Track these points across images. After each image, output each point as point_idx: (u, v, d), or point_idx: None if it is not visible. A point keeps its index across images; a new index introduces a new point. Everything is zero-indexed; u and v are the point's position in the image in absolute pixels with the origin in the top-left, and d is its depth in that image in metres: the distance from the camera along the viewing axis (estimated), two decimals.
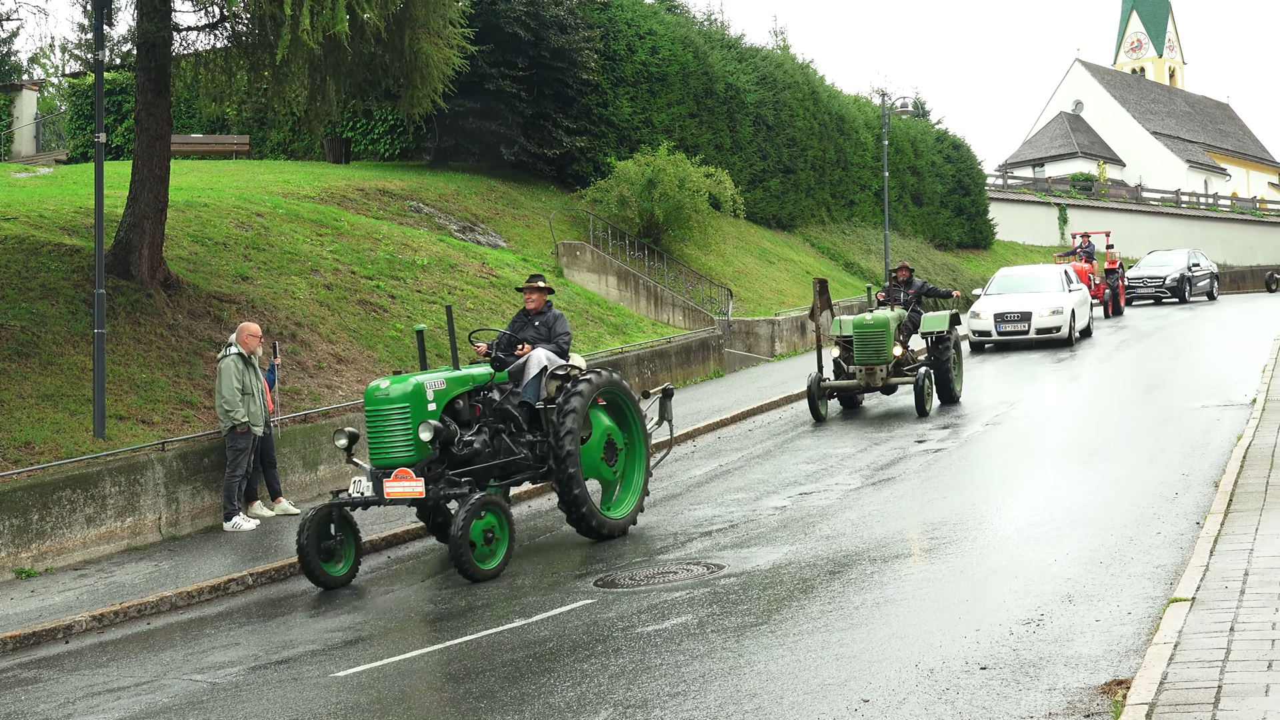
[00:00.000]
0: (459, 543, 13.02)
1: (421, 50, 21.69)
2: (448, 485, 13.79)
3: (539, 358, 15.11)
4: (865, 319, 23.06)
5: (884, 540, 13.32)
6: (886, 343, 22.74)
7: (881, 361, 22.79)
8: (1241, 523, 11.95)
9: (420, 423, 13.62)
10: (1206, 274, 50.06)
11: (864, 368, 22.86)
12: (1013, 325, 31.55)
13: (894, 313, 23.48)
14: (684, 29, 43.22)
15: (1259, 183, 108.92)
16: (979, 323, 32.15)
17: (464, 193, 33.92)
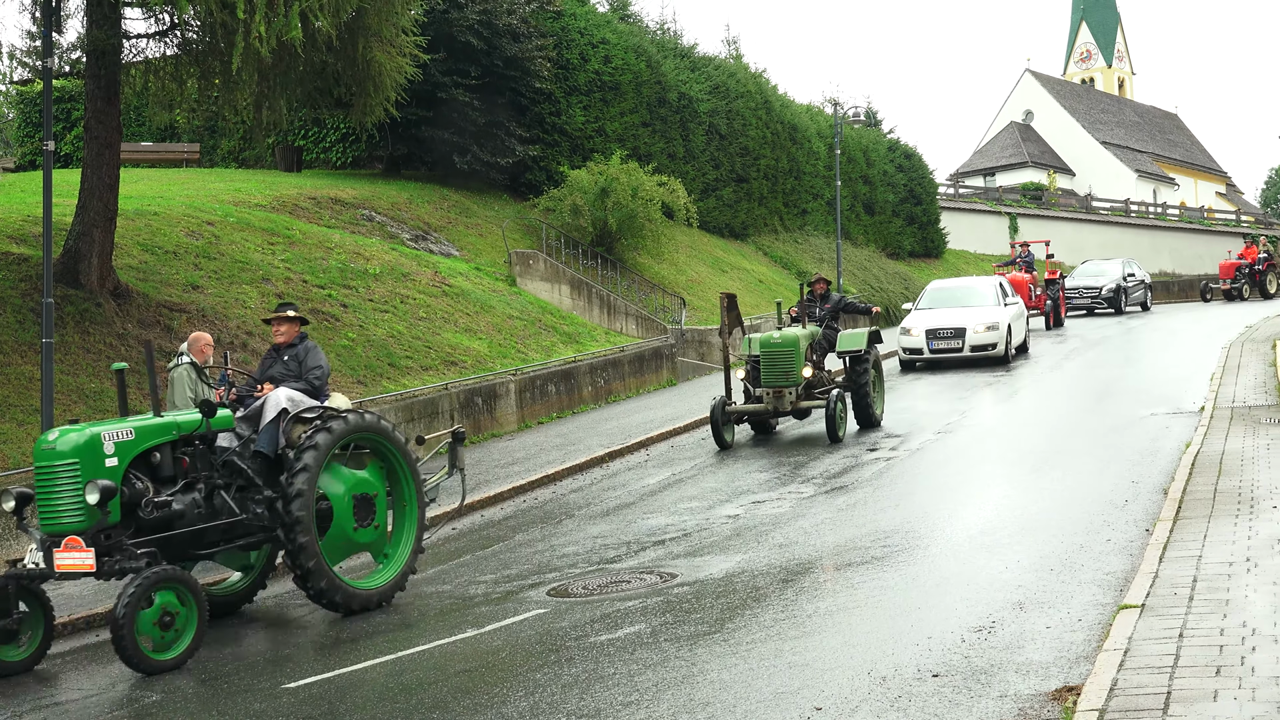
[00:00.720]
0: (118, 631, 10.79)
1: (374, 58, 21.66)
2: (125, 557, 11.44)
3: (277, 399, 13.01)
4: (773, 337, 21.36)
5: (836, 548, 13.35)
6: (796, 363, 21.09)
7: (790, 384, 21.11)
8: (1190, 530, 12.04)
9: (88, 481, 11.34)
10: (1141, 284, 49.52)
11: (771, 390, 21.16)
12: (945, 342, 29.83)
13: (805, 330, 21.99)
14: (637, 38, 43.29)
15: (1207, 192, 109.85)
16: (909, 340, 30.39)
17: (416, 201, 33.84)
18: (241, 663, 11.26)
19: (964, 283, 34.41)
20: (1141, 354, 31.09)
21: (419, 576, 14.27)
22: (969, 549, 12.78)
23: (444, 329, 25.84)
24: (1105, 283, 47.64)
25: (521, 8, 37.10)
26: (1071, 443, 18.96)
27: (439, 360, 24.37)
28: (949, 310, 30.97)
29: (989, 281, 32.97)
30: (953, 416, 22.53)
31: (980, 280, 34.02)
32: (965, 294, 32.13)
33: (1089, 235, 74.37)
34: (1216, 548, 11.17)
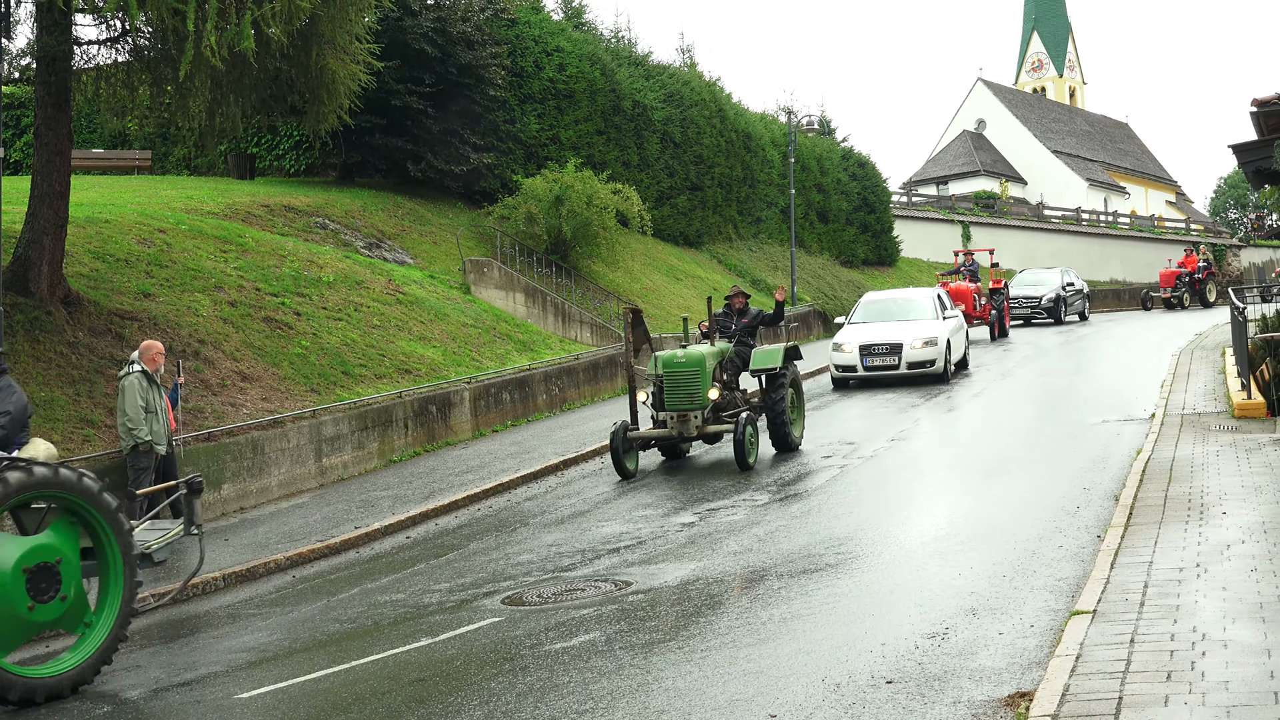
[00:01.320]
0: None
1: (327, 66, 21.58)
2: None
3: None
4: (676, 356, 19.88)
5: (791, 555, 13.37)
6: (702, 383, 19.63)
7: (696, 406, 19.62)
8: (1141, 536, 12.13)
9: None
10: (1079, 294, 49.26)
11: (676, 414, 19.69)
12: (881, 359, 28.21)
13: (713, 348, 20.54)
14: (591, 46, 43.31)
15: (1157, 201, 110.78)
16: (842, 356, 28.74)
17: (370, 209, 33.75)
18: (193, 673, 11.18)
19: (901, 295, 32.63)
20: (1091, 363, 31.26)
21: (373, 585, 14.22)
22: (922, 555, 12.83)
23: (398, 337, 25.77)
24: (1045, 292, 47.32)
25: (476, 15, 37.05)
26: (1023, 450, 19.07)
27: (393, 368, 24.30)
28: (884, 325, 29.43)
29: (927, 293, 31.47)
30: (904, 424, 22.61)
31: (918, 292, 32.33)
32: (902, 307, 30.59)
33: (1041, 244, 74.85)
34: (1167, 554, 11.26)
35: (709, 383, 19.79)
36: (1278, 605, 9.23)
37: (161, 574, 15.03)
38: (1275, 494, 13.97)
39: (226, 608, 13.91)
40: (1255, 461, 16.32)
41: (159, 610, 13.93)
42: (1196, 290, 53.77)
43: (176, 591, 13.65)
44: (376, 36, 27.42)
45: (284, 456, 19.91)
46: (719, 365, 20.48)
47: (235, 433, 19.32)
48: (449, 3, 36.81)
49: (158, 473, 16.83)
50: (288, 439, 20.06)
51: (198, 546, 13.07)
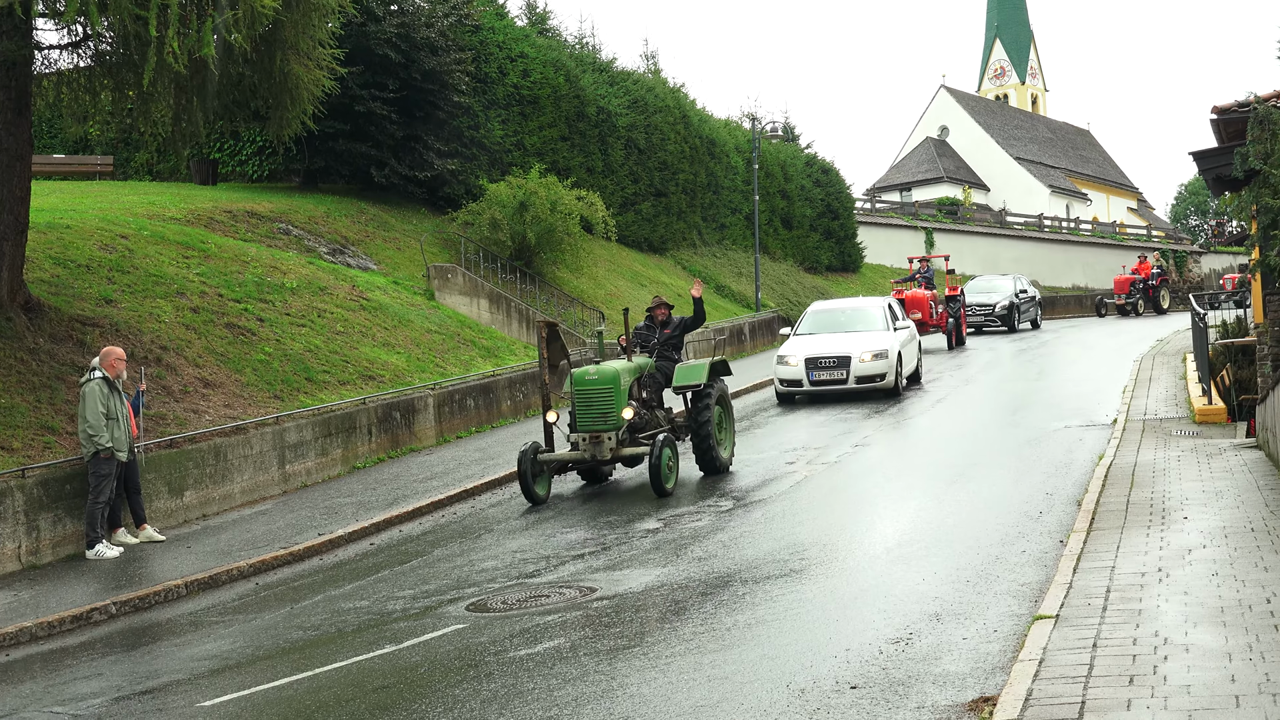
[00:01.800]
0: None
1: (291, 71, 21.50)
2: None
3: None
4: (588, 373, 18.64)
5: (755, 561, 13.39)
6: (615, 402, 18.40)
7: (609, 427, 18.37)
8: (1104, 540, 12.19)
9: None
10: (1032, 301, 48.60)
11: (588, 435, 18.47)
12: (828, 373, 26.87)
13: (630, 363, 19.39)
14: (555, 52, 43.32)
15: (1119, 207, 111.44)
16: (787, 370, 27.34)
17: (334, 215, 33.65)
18: (155, 681, 11.12)
19: (850, 304, 30.94)
20: (1054, 370, 31.39)
21: (337, 592, 14.17)
22: (886, 561, 12.87)
23: (362, 343, 25.69)
24: (998, 299, 46.60)
25: (440, 21, 37.00)
26: (986, 456, 19.14)
27: (356, 375, 24.23)
28: (832, 336, 28.07)
29: (877, 303, 29.91)
30: (857, 439, 22.65)
31: (868, 302, 30.66)
32: (851, 317, 29.18)
33: (1004, 250, 75.25)
34: (1129, 558, 11.32)
35: (623, 401, 18.60)
36: (1239, 609, 9.29)
37: (123, 581, 14.95)
38: (1236, 499, 14.07)
39: (189, 615, 13.83)
40: (1216, 466, 16.44)
41: (120, 618, 13.86)
42: (1150, 297, 53.96)
43: None
44: (340, 42, 27.33)
45: (247, 463, 19.82)
46: (637, 382, 19.40)
47: (198, 439, 19.22)
48: (413, 9, 36.74)
49: (119, 480, 16.75)
50: (251, 445, 19.97)
51: (162, 555, 12.84)
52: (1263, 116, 16.51)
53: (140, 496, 17.32)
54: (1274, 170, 15.34)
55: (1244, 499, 14.06)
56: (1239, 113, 20.27)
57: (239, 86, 21.77)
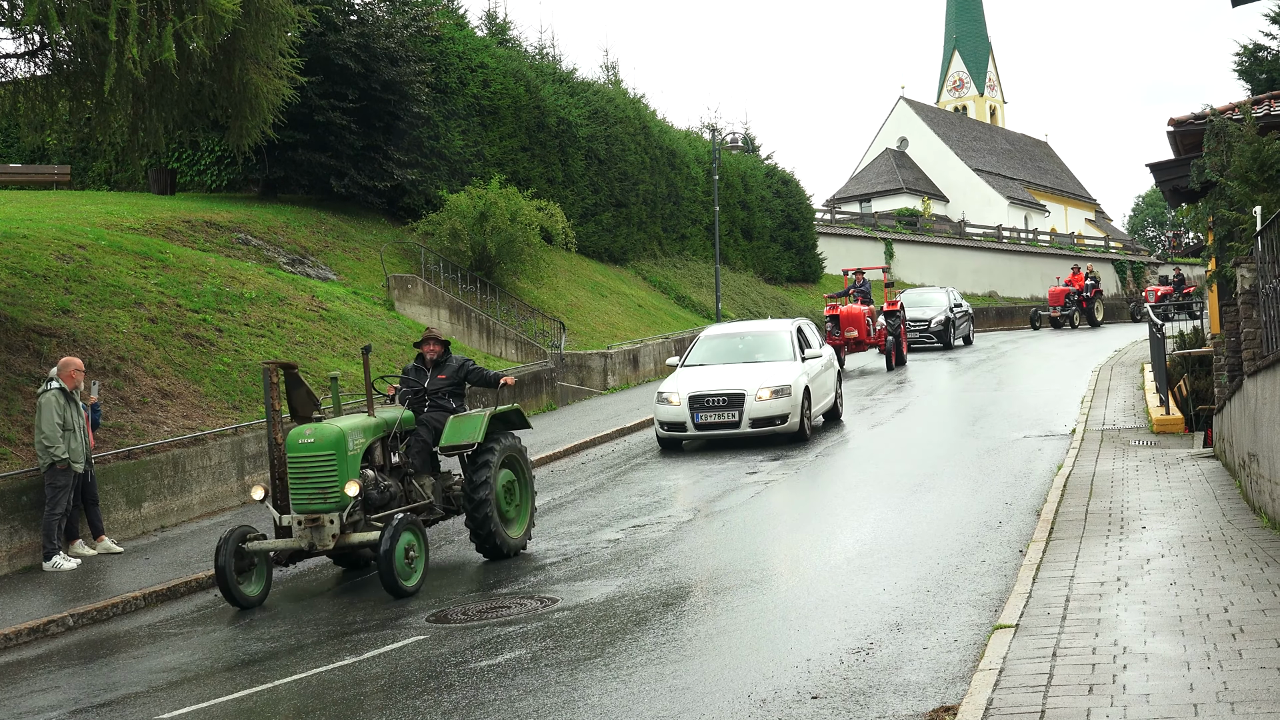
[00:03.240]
0: None
1: (250, 80, 21.43)
2: None
3: None
4: (302, 434, 14.23)
5: (716, 572, 13.40)
6: (339, 473, 14.01)
7: (331, 507, 13.99)
8: (1063, 550, 12.26)
9: None
10: (966, 315, 46.37)
11: (305, 517, 14.07)
12: (717, 414, 22.64)
13: (369, 419, 14.82)
14: (516, 62, 43.31)
15: (1076, 219, 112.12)
16: (669, 410, 22.93)
17: (293, 225, 33.53)
18: (113, 694, 11.04)
19: (752, 329, 26.40)
20: (1013, 384, 31.47)
21: (297, 604, 14.10)
22: (847, 571, 12.90)
23: (321, 353, 25.60)
24: (933, 314, 43.84)
25: (400, 32, 36.94)
26: (946, 466, 19.21)
27: (316, 386, 24.13)
28: (727, 369, 23.87)
29: (784, 327, 25.50)
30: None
31: (774, 325, 26.16)
32: (752, 345, 25.00)
33: (963, 261, 75.62)
34: (1088, 568, 11.39)
35: (352, 471, 14.14)
36: (1197, 618, 9.36)
37: (80, 593, 14.85)
38: (1193, 508, 14.18)
39: (147, 627, 13.74)
40: (1174, 476, 16.57)
41: (78, 630, 13.76)
42: (1085, 309, 53.06)
43: None
44: (300, 51, 27.25)
45: (206, 474, 19.72)
46: (383, 443, 15.08)
47: (156, 450, 19.11)
48: (372, 19, 36.66)
49: (77, 491, 16.64)
50: (209, 456, 19.88)
51: (120, 566, 12.73)
52: (1219, 129, 16.67)
53: (98, 508, 17.21)
54: (1230, 182, 15.49)
55: (1201, 508, 14.18)
56: (1195, 125, 20.46)
57: (198, 95, 21.68)
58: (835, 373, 25.91)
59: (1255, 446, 13.88)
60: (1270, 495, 12.91)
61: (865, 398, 29.28)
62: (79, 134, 24.28)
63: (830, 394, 25.12)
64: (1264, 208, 14.02)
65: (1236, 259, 15.12)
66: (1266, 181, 14.98)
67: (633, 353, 36.14)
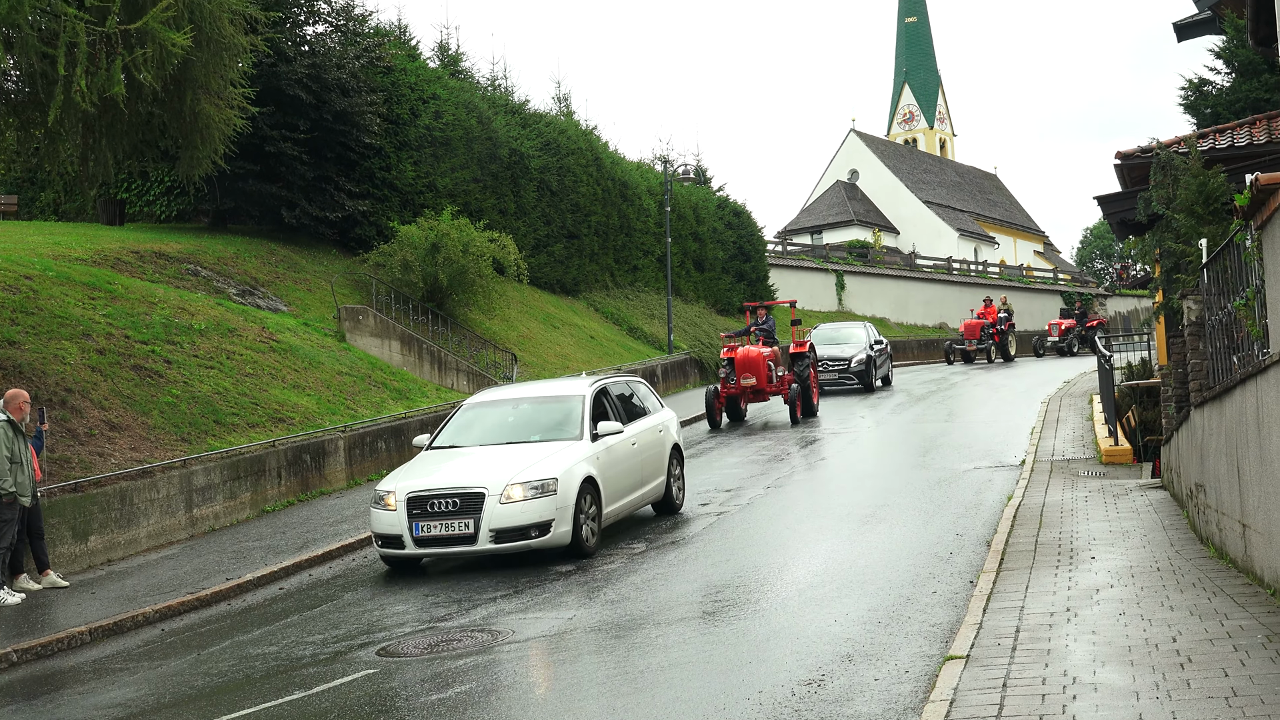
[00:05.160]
0: None
1: (201, 111, 21.38)
2: None
3: None
4: None
5: (668, 603, 13.38)
6: None
7: None
8: (1013, 581, 12.31)
9: None
10: (885, 353, 42.04)
11: None
12: (444, 523, 16.18)
13: None
14: (468, 94, 43.31)
15: (1026, 250, 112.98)
16: (384, 519, 16.56)
17: (244, 256, 33.39)
18: None
19: (531, 394, 19.39)
20: (962, 430, 31.53)
21: (245, 638, 13.99)
22: (799, 602, 12.90)
23: (271, 385, 25.47)
24: (853, 353, 39.70)
25: (352, 62, 36.92)
26: (898, 498, 19.26)
27: (266, 417, 24.01)
28: (477, 455, 17.49)
29: (577, 390, 18.64)
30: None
31: (564, 388, 19.17)
32: (527, 417, 18.47)
33: (914, 292, 76.03)
34: (1038, 598, 11.43)
35: None
36: (1146, 648, 9.40)
37: (25, 629, 14.69)
38: (1142, 539, 14.27)
39: (92, 663, 13.60)
40: (1123, 507, 16.67)
41: (22, 666, 13.60)
42: (997, 343, 51.16)
43: None
44: (251, 82, 27.17)
45: (153, 507, 19.56)
46: None
47: (103, 483, 18.94)
48: (324, 50, 36.63)
49: (22, 524, 16.46)
50: (157, 489, 19.72)
51: (66, 601, 12.46)
52: (1165, 162, 16.85)
53: (43, 541, 17.02)
54: (1176, 215, 15.64)
55: (1150, 539, 14.27)
56: (1142, 158, 20.66)
57: (148, 125, 21.60)
58: (667, 449, 19.51)
59: (1202, 477, 13.99)
60: (1218, 526, 13.00)
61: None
62: (27, 164, 24.12)
63: (653, 482, 18.98)
64: (1210, 240, 14.16)
65: (1183, 291, 15.26)
66: (1212, 214, 15.14)
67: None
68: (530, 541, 16.15)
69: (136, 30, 18.38)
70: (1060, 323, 57.95)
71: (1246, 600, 10.63)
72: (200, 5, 20.16)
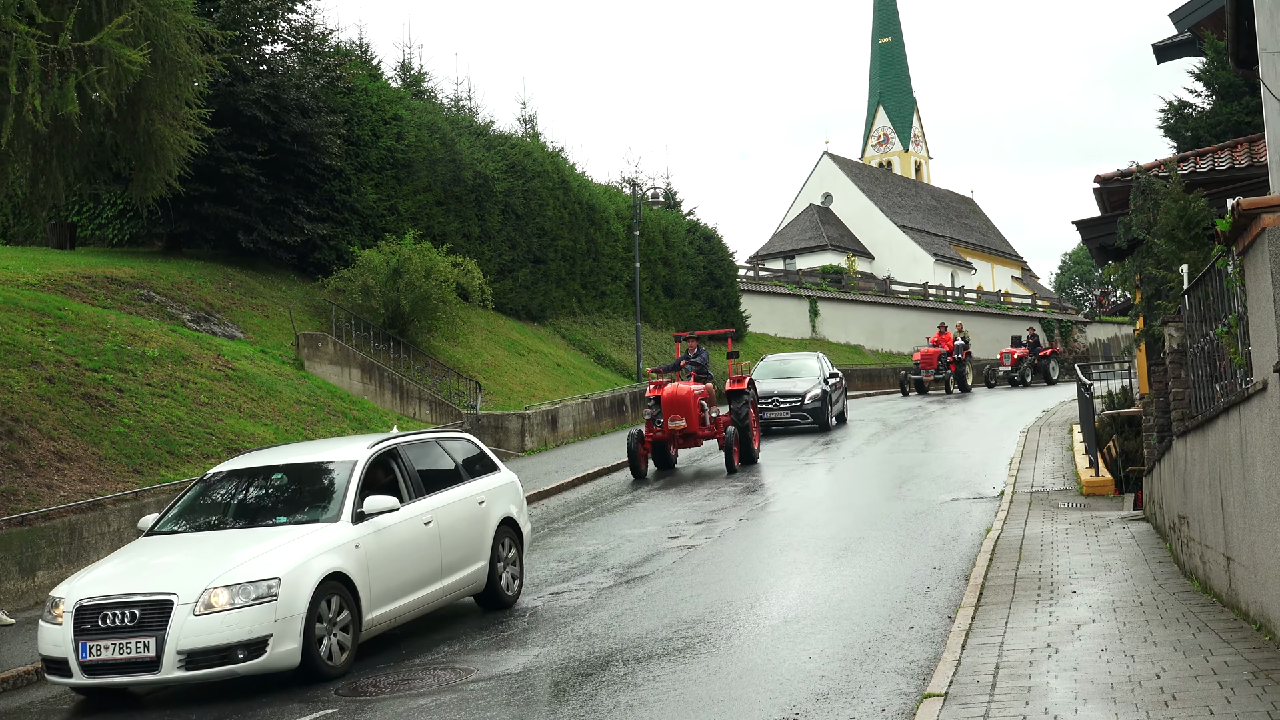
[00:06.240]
0: None
1: (156, 131, 21.32)
2: None
3: None
4: None
5: (637, 640, 13.35)
6: None
7: None
8: (992, 616, 12.32)
9: None
10: (840, 387, 38.45)
11: None
12: (117, 643, 12.33)
13: None
14: (431, 115, 43.34)
15: (1003, 276, 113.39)
16: (51, 636, 12.78)
17: (199, 281, 33.28)
18: None
19: (290, 460, 15.23)
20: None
21: None
22: (772, 639, 12.88)
23: (227, 415, 25.37)
24: (807, 387, 36.31)
25: (311, 82, 36.89)
26: (873, 530, 19.28)
27: (221, 448, 23.90)
28: (187, 548, 13.71)
29: (347, 453, 14.81)
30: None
31: (331, 450, 15.38)
32: (279, 492, 14.76)
33: (889, 319, 76.23)
34: (1018, 634, 11.44)
35: None
36: (1129, 685, 9.41)
37: None
38: (1124, 572, 14.31)
39: (39, 703, 13.49)
40: (1104, 539, 16.72)
41: None
42: (954, 372, 50.32)
43: None
44: (207, 102, 27.08)
45: (104, 541, 19.43)
46: None
47: (51, 516, 18.82)
48: (283, 69, 36.63)
49: None
50: (108, 522, 19.59)
51: (13, 638, 12.34)
52: (1145, 186, 16.93)
53: None
54: (1157, 240, 15.72)
55: (1132, 572, 14.31)
56: (1122, 182, 20.79)
57: (101, 147, 21.53)
58: (491, 526, 15.97)
59: (1185, 509, 14.04)
60: (1201, 559, 13.05)
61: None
62: None
63: (464, 570, 15.32)
64: (1191, 266, 14.24)
65: (1164, 318, 15.33)
66: (1193, 239, 15.22)
67: (551, 413, 36.06)
68: (236, 666, 12.33)
69: (91, 47, 18.34)
70: (1013, 351, 56.61)
71: (1232, 635, 10.66)
72: (156, 23, 20.12)
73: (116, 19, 18.66)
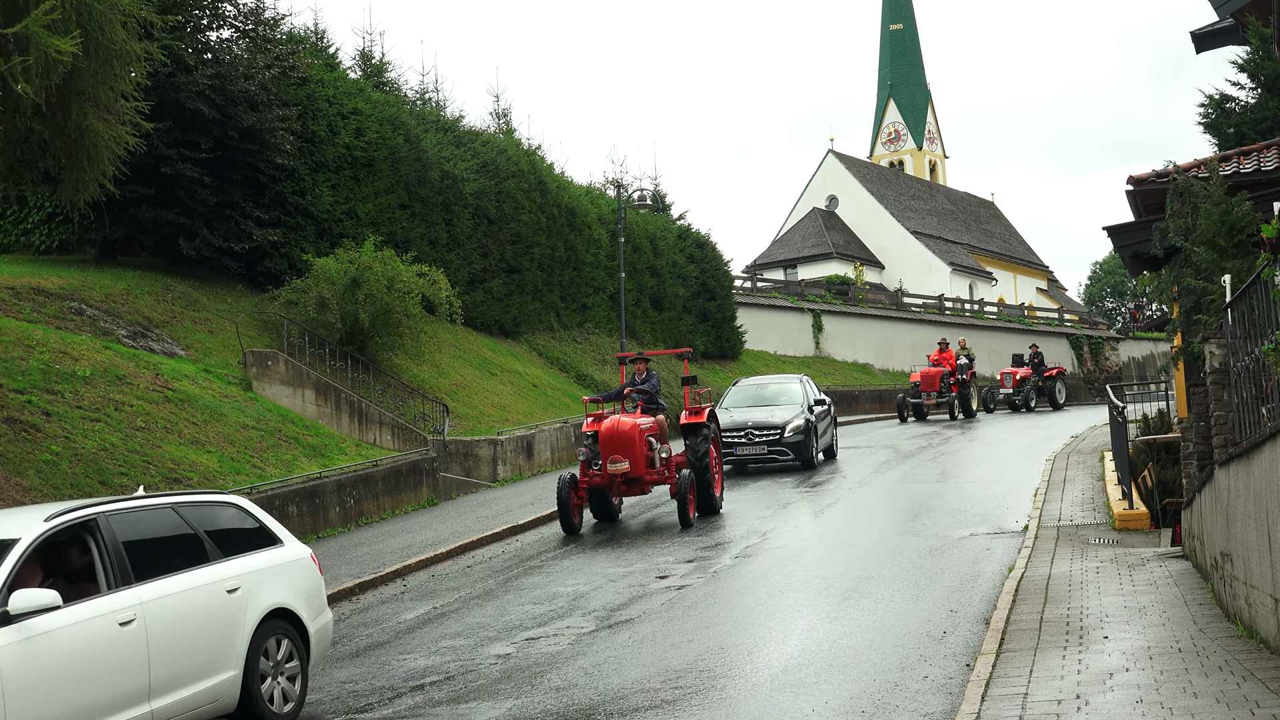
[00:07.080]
0: None
1: (89, 126, 21.31)
2: None
3: None
4: None
5: (622, 691, 13.32)
6: None
7: None
8: (1015, 664, 12.30)
9: None
10: (828, 415, 36.22)
11: None
12: None
13: None
14: (394, 109, 43.33)
15: (1027, 288, 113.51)
16: None
17: (135, 292, 33.25)
18: None
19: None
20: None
21: None
22: (771, 689, 12.86)
23: (166, 440, 25.33)
24: (788, 417, 33.69)
25: (261, 73, 36.85)
26: (884, 569, 19.27)
27: (160, 477, 23.87)
28: None
29: (11, 529, 11.55)
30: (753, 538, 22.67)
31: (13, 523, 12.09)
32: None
33: (900, 334, 76.23)
34: (1044, 684, 11.43)
35: None
36: None
37: None
38: (1161, 615, 14.30)
39: None
40: (1139, 579, 16.72)
41: None
42: (956, 394, 49.22)
43: None
44: (146, 94, 27.06)
45: None
46: None
47: None
48: (230, 58, 36.58)
49: None
50: None
51: None
52: (1183, 188, 16.96)
53: None
54: (1196, 248, 15.74)
55: (1170, 615, 14.30)
56: (1157, 184, 20.83)
57: (27, 143, 21.50)
58: (247, 622, 13.05)
59: (1229, 545, 14.04)
60: (1246, 600, 13.04)
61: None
62: None
63: (200, 684, 12.30)
64: (1234, 276, 14.24)
65: (1204, 333, 15.34)
66: (1236, 247, 15.24)
67: (526, 439, 36.05)
68: None
69: (14, 35, 18.33)
70: (1014, 372, 55.09)
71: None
72: (89, 7, 20.11)
73: (44, 4, 18.66)
